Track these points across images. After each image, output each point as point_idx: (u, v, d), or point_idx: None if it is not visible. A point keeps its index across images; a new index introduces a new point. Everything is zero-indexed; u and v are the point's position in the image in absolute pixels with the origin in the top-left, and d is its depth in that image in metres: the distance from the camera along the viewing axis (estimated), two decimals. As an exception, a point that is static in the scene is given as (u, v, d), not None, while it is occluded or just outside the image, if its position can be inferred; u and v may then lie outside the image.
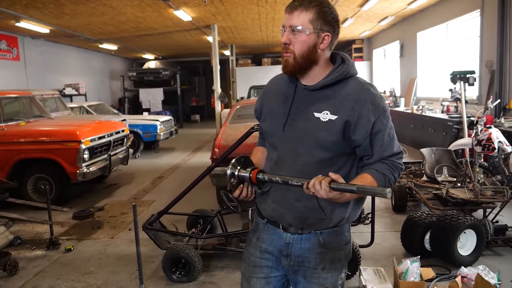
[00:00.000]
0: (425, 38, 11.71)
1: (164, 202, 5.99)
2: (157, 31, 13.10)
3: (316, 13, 1.61)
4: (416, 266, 3.37)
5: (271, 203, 1.76)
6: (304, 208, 1.68)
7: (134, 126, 10.41)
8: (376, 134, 1.64)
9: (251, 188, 1.74)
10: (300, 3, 1.61)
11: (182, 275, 3.75)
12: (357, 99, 1.62)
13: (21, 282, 3.94)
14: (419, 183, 5.72)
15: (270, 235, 1.81)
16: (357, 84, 1.67)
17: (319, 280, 1.75)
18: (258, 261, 1.84)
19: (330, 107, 1.64)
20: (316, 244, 1.73)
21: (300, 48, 1.62)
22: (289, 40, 1.63)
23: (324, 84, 1.66)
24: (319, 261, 1.74)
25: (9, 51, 12.01)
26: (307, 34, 1.61)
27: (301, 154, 1.67)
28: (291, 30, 1.62)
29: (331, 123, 1.62)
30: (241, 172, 1.70)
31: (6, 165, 6.07)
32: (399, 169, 1.70)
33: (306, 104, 1.68)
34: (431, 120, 9.08)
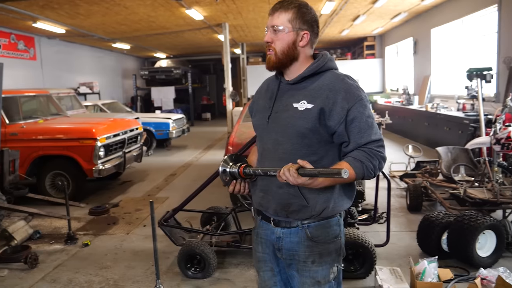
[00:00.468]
0: (440, 35, 11.56)
1: (178, 199, 6.05)
2: (169, 30, 13.17)
3: (294, 13, 1.76)
4: (433, 266, 3.33)
5: (258, 192, 1.86)
6: (286, 194, 1.76)
7: (147, 124, 10.48)
8: (351, 121, 1.71)
9: (244, 183, 1.88)
10: (280, 5, 1.78)
11: (197, 271, 3.78)
12: (331, 88, 1.74)
13: (41, 274, 4.02)
14: (435, 183, 5.67)
15: (265, 231, 1.92)
16: (333, 76, 1.79)
17: (310, 273, 1.82)
18: (262, 256, 1.96)
19: (307, 97, 1.75)
20: (303, 238, 1.80)
21: (280, 45, 1.77)
22: (271, 39, 1.78)
23: (302, 77, 1.79)
24: (308, 254, 1.80)
25: (27, 51, 12.19)
26: (286, 32, 1.76)
27: (281, 143, 1.78)
28: (273, 30, 1.77)
29: (307, 111, 1.73)
30: (232, 169, 1.84)
31: (25, 161, 6.18)
32: (379, 157, 1.72)
33: (287, 97, 1.81)
34: (446, 118, 8.98)
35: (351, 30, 14.97)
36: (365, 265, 3.59)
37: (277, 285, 1.97)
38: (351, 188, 1.86)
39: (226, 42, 12.17)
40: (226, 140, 6.10)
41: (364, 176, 1.71)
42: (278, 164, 1.72)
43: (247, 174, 1.80)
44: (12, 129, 6.36)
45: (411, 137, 11.17)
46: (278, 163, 1.73)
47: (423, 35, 12.35)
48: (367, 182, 5.69)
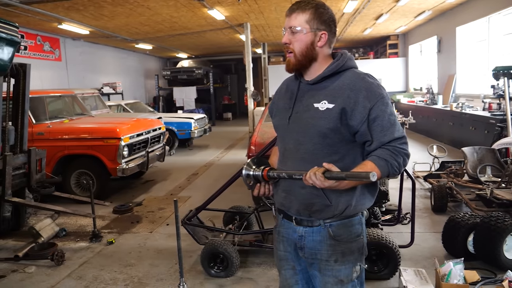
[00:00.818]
0: (465, 33, 11.34)
1: (200, 198, 6.10)
2: (191, 31, 13.28)
3: (312, 13, 1.75)
4: (459, 268, 3.27)
5: (281, 192, 1.87)
6: (309, 194, 1.77)
7: (169, 124, 10.59)
8: (374, 120, 1.70)
9: (268, 186, 1.89)
10: (297, 6, 1.77)
11: (220, 270, 3.81)
12: (352, 87, 1.73)
13: (67, 271, 4.11)
14: (460, 183, 5.57)
15: (287, 229, 1.92)
16: (353, 75, 1.78)
17: (332, 273, 1.81)
18: (283, 254, 1.97)
19: (328, 97, 1.75)
20: (326, 237, 1.80)
21: (299, 46, 1.77)
22: (289, 40, 1.78)
23: (322, 77, 1.78)
24: (331, 253, 1.80)
25: (52, 52, 12.48)
26: (304, 33, 1.75)
27: (303, 143, 1.78)
28: (291, 31, 1.77)
29: (329, 111, 1.73)
30: (255, 172, 1.85)
31: (51, 160, 6.32)
32: (403, 154, 1.71)
33: (308, 97, 1.81)
34: (472, 117, 8.80)
35: (374, 29, 14.81)
36: (389, 266, 3.55)
37: (299, 284, 1.97)
38: (373, 187, 1.85)
39: (248, 42, 12.18)
40: (249, 140, 6.11)
41: (389, 174, 1.70)
42: (300, 163, 1.77)
43: (271, 177, 1.82)
44: (39, 128, 6.52)
45: (435, 137, 10.99)
46: (300, 163, 1.78)
47: (448, 34, 12.13)
48: (391, 182, 5.63)
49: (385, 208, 4.73)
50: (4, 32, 4.13)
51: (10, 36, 4.23)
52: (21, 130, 5.13)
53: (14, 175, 4.91)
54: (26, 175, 5.17)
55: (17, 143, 5.10)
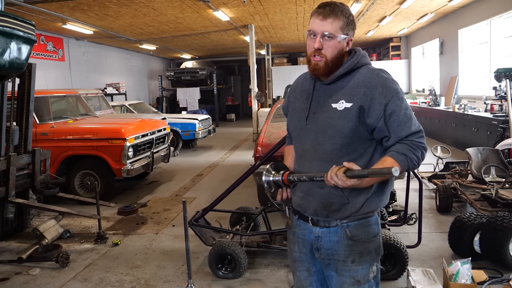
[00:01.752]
0: (467, 35, 11.35)
1: (205, 199, 6.10)
2: (196, 32, 13.29)
3: (346, 20, 1.74)
4: (467, 267, 3.27)
5: (298, 193, 1.87)
6: (328, 194, 1.77)
7: (173, 125, 10.59)
8: (390, 115, 1.71)
9: (289, 189, 1.90)
10: (332, 11, 1.73)
11: (228, 272, 3.80)
12: (368, 84, 1.73)
13: (72, 273, 4.09)
14: (465, 184, 5.56)
15: (302, 230, 1.91)
16: (368, 71, 1.78)
17: (350, 273, 1.80)
18: (298, 256, 1.95)
19: (345, 96, 1.75)
20: (343, 237, 1.79)
21: (331, 52, 1.74)
22: (321, 46, 1.74)
23: (337, 76, 1.78)
24: (348, 254, 1.79)
25: (55, 52, 12.49)
26: (339, 41, 1.74)
27: (321, 143, 1.78)
28: (324, 37, 1.73)
29: (347, 110, 1.73)
30: (275, 177, 1.85)
31: (55, 161, 6.31)
32: (421, 148, 1.72)
33: (325, 97, 1.80)
34: (474, 119, 8.81)
35: (377, 31, 14.83)
36: (397, 266, 3.54)
37: (313, 286, 1.95)
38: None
39: (252, 43, 12.21)
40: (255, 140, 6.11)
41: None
42: (318, 164, 1.77)
43: (291, 181, 1.81)
44: (43, 129, 6.51)
45: (438, 138, 10.97)
46: (318, 163, 1.78)
47: (450, 36, 12.14)
48: (397, 183, 5.62)
49: (392, 208, 4.73)
50: (21, 30, 4.11)
51: (27, 34, 4.22)
52: (25, 130, 5.12)
53: (18, 175, 4.90)
54: (30, 176, 5.16)
55: (21, 143, 5.08)
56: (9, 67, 4.12)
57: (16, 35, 4.06)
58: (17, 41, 4.11)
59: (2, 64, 4.00)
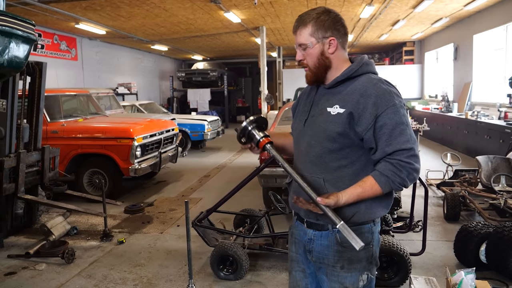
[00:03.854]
0: (482, 41, 11.20)
1: (211, 200, 6.11)
2: (207, 33, 13.35)
3: (313, 25, 1.74)
4: (471, 278, 3.21)
5: (292, 194, 1.89)
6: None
7: (183, 125, 10.64)
8: (380, 128, 1.65)
9: (257, 150, 1.89)
10: (299, 22, 1.78)
11: (230, 273, 3.80)
12: (363, 93, 1.70)
13: (77, 270, 4.14)
14: (474, 192, 5.49)
15: (299, 231, 1.93)
16: (367, 80, 1.74)
17: (338, 279, 1.80)
18: (295, 256, 1.97)
19: (340, 101, 1.75)
20: (333, 242, 1.79)
21: (311, 60, 1.78)
22: (302, 57, 1.80)
23: (336, 81, 1.78)
24: (337, 259, 1.79)
25: (69, 51, 12.64)
26: (312, 47, 1.76)
27: (313, 146, 1.80)
28: (301, 48, 1.79)
29: (339, 115, 1.73)
30: (254, 131, 1.83)
31: (64, 159, 6.39)
32: (407, 169, 1.64)
33: (323, 101, 1.82)
34: (487, 126, 8.68)
35: (390, 35, 14.73)
36: (399, 274, 3.51)
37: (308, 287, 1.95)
38: (387, 196, 1.78)
39: (263, 45, 12.21)
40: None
41: (392, 190, 1.70)
42: (308, 166, 1.82)
43: (266, 150, 1.81)
44: (53, 127, 6.59)
45: (450, 145, 10.86)
46: (308, 165, 1.82)
47: (465, 41, 12.00)
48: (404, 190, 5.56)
49: (397, 215, 4.69)
50: (20, 29, 4.17)
51: (26, 33, 4.27)
52: (35, 128, 5.20)
53: (27, 172, 4.98)
54: (39, 173, 5.24)
55: (31, 140, 5.17)
56: (8, 65, 4.18)
57: (15, 34, 4.11)
58: (16, 40, 4.17)
59: (1, 63, 4.07)
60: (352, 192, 1.68)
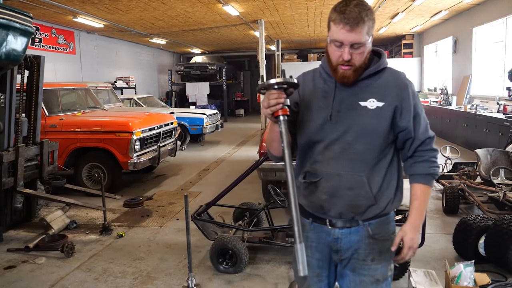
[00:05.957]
0: (482, 34, 11.17)
1: (210, 194, 6.11)
2: (205, 26, 13.28)
3: (368, 22, 1.61)
4: (470, 270, 3.23)
5: (321, 194, 1.75)
6: (356, 196, 1.71)
7: (181, 119, 10.63)
8: (415, 117, 1.73)
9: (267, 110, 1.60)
10: (360, 19, 1.58)
11: (229, 266, 3.81)
12: (398, 85, 1.72)
13: (77, 263, 4.14)
14: (473, 185, 5.50)
15: (318, 233, 1.82)
16: (393, 73, 1.77)
17: (369, 272, 1.76)
18: (310, 260, 1.80)
19: (375, 95, 1.70)
20: (365, 236, 1.75)
21: (359, 59, 1.66)
22: (351, 56, 1.64)
23: (368, 74, 1.72)
24: (368, 252, 1.76)
25: (66, 45, 12.58)
26: (366, 45, 1.65)
27: (352, 143, 1.70)
28: (353, 47, 1.62)
29: (379, 110, 1.69)
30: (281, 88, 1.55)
31: (63, 153, 6.38)
32: (436, 156, 1.80)
33: (349, 96, 1.72)
34: (486, 119, 8.68)
35: (389, 28, 14.68)
36: (398, 267, 3.51)
37: None
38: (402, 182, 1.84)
39: (262, 39, 12.14)
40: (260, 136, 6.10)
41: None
42: (348, 164, 1.70)
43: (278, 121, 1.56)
44: (52, 121, 6.57)
45: (449, 138, 10.86)
46: (347, 163, 1.70)
47: (464, 34, 11.96)
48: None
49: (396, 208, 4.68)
50: (18, 22, 4.14)
51: (24, 26, 4.24)
52: (34, 122, 5.18)
53: (26, 166, 4.97)
54: (38, 167, 5.23)
55: (30, 134, 5.16)
56: (6, 58, 4.16)
57: (12, 26, 4.08)
58: (13, 32, 4.14)
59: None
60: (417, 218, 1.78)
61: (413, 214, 1.77)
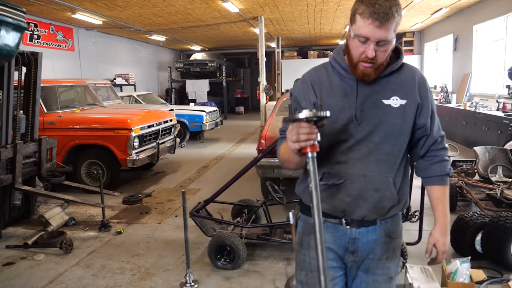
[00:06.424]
0: (482, 32, 11.16)
1: (209, 191, 6.11)
2: (205, 23, 13.26)
3: (395, 18, 1.51)
4: (466, 267, 3.25)
5: (345, 197, 1.66)
6: (381, 197, 1.65)
7: (181, 116, 10.63)
8: (432, 114, 1.71)
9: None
10: (391, 15, 1.48)
11: (227, 262, 3.82)
12: (418, 82, 1.68)
13: (75, 260, 4.16)
14: (471, 183, 5.50)
15: (333, 233, 1.72)
16: (411, 69, 1.71)
17: (383, 271, 1.74)
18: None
19: (398, 93, 1.64)
20: (382, 235, 1.71)
21: (383, 56, 1.57)
22: (375, 53, 1.54)
23: (391, 71, 1.65)
24: (384, 251, 1.72)
25: (65, 41, 12.56)
26: (391, 43, 1.56)
27: (378, 144, 1.63)
28: (379, 44, 1.53)
29: (403, 108, 1.64)
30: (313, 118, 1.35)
31: (62, 150, 6.39)
32: (448, 151, 1.78)
33: (371, 94, 1.64)
34: (485, 117, 8.69)
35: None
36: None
37: None
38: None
39: (262, 36, 12.13)
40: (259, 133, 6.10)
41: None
42: (374, 165, 1.64)
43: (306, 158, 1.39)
44: (50, 118, 6.57)
45: (448, 136, 10.85)
46: (375, 164, 1.64)
47: (465, 32, 11.95)
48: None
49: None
50: (10, 16, 4.11)
51: (17, 21, 4.22)
52: (32, 119, 5.18)
53: (24, 163, 4.98)
54: (37, 164, 5.23)
55: (28, 131, 5.16)
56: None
57: (5, 21, 4.06)
58: (6, 27, 4.11)
59: None
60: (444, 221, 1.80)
61: (441, 218, 1.77)
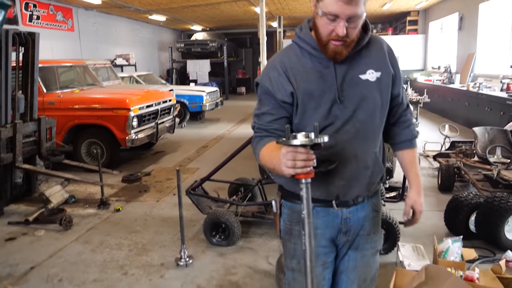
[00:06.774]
0: (488, 10, 10.96)
1: (208, 170, 6.10)
2: (205, 2, 13.12)
3: None
4: (457, 246, 3.27)
5: (338, 181, 1.60)
6: (372, 173, 1.65)
7: (181, 96, 10.62)
8: (401, 82, 1.73)
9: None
10: None
11: (222, 239, 3.89)
12: (387, 51, 1.65)
13: (75, 236, 4.24)
14: (469, 163, 5.51)
15: (324, 218, 1.66)
16: (377, 39, 1.67)
17: (371, 245, 1.75)
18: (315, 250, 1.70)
19: (372, 65, 1.60)
20: (369, 210, 1.71)
21: (354, 32, 1.49)
22: (346, 30, 1.45)
23: (361, 46, 1.58)
24: (372, 226, 1.73)
25: (65, 22, 12.47)
26: (361, 18, 1.48)
27: (364, 122, 1.58)
28: (350, 21, 1.44)
29: (379, 81, 1.60)
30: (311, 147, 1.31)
31: (62, 129, 6.42)
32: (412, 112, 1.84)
33: (347, 70, 1.57)
34: (488, 98, 8.61)
35: (393, 4, 14.42)
36: (388, 241, 3.57)
37: (326, 279, 1.72)
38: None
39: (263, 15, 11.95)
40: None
41: None
42: (362, 143, 1.60)
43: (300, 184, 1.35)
44: (50, 98, 6.59)
45: (450, 117, 10.82)
46: (363, 142, 1.60)
47: (470, 11, 11.75)
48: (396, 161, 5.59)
49: (389, 185, 4.73)
50: None
51: None
52: (31, 99, 5.21)
53: (24, 142, 5.03)
54: (37, 143, 5.28)
55: (27, 111, 5.20)
56: None
57: None
58: None
59: None
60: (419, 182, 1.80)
61: (416, 180, 1.79)
